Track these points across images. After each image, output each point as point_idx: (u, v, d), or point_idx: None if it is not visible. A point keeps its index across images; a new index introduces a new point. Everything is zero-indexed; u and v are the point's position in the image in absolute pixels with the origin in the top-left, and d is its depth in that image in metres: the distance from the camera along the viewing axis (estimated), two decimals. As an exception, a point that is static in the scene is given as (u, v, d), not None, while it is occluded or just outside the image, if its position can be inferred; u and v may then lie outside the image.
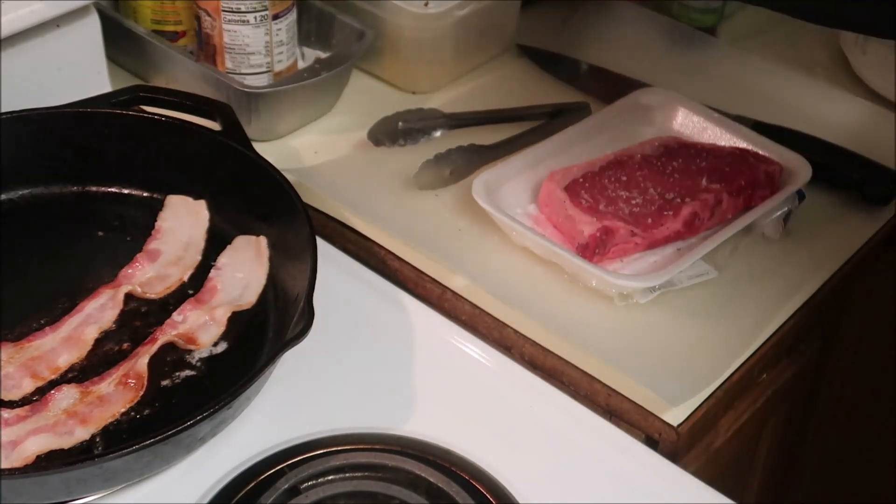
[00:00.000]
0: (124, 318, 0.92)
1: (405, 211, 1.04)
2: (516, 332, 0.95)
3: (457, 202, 1.05)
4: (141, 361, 0.86)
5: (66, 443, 0.81)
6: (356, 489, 0.81)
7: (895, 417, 1.30)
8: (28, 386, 0.86)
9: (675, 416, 0.89)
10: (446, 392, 0.90)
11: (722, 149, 1.07)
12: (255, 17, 1.09)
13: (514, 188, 1.03)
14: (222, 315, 0.91)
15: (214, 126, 1.01)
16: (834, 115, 1.19)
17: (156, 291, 0.94)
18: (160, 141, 1.01)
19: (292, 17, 1.12)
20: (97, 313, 0.91)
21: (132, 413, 0.84)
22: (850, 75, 1.26)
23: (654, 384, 0.89)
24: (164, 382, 0.87)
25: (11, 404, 0.84)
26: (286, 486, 0.80)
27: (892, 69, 1.20)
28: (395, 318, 0.96)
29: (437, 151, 1.07)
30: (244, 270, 0.95)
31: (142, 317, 0.92)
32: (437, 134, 1.12)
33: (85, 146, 1.01)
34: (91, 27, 1.10)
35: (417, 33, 1.16)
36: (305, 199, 0.95)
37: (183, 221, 0.99)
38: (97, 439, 0.82)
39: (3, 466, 0.79)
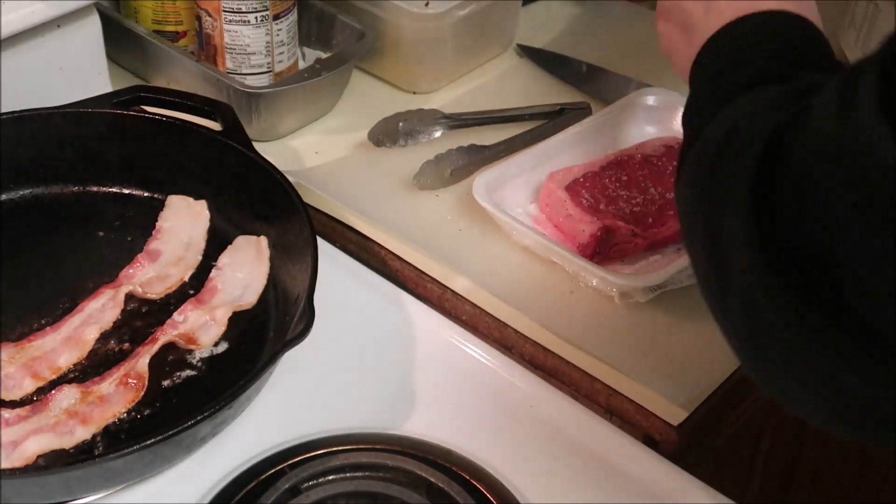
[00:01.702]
0: (125, 318, 0.92)
1: (406, 211, 1.04)
2: (517, 331, 0.95)
3: (457, 202, 1.05)
4: (142, 361, 0.86)
5: (66, 443, 0.81)
6: (357, 489, 0.81)
7: (895, 417, 1.30)
8: (29, 386, 0.86)
9: (675, 415, 0.89)
10: (447, 392, 0.90)
11: (722, 149, 1.07)
12: (256, 18, 1.09)
13: (515, 188, 1.03)
14: (223, 315, 0.91)
15: (215, 126, 1.02)
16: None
17: (156, 291, 0.94)
18: (161, 141, 1.01)
19: (293, 17, 1.12)
20: (98, 313, 0.91)
21: (133, 413, 0.84)
22: (850, 75, 1.26)
23: (654, 384, 0.89)
24: (165, 382, 0.87)
25: (12, 404, 0.85)
26: (287, 486, 0.80)
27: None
28: (396, 318, 0.96)
29: (437, 152, 1.07)
30: (245, 270, 0.95)
31: (142, 317, 0.92)
32: (438, 134, 1.12)
33: (86, 146, 1.01)
34: (92, 27, 1.10)
35: (418, 33, 1.16)
36: (306, 199, 0.95)
37: (184, 221, 0.99)
38: (98, 439, 0.82)
39: (4, 466, 0.79)
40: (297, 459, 0.82)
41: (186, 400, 0.86)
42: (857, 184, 0.51)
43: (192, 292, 0.94)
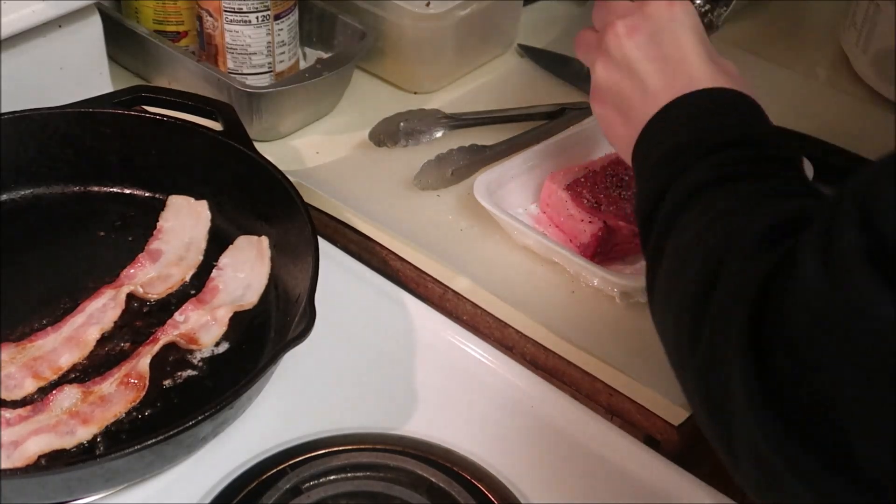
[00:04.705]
0: (126, 318, 0.92)
1: (407, 211, 1.04)
2: (518, 332, 0.95)
3: (458, 202, 1.05)
4: (143, 361, 0.86)
5: (67, 443, 0.81)
6: (358, 489, 0.81)
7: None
8: (30, 386, 0.86)
9: (676, 415, 0.89)
10: (448, 392, 0.90)
11: (723, 149, 1.07)
12: (257, 18, 1.09)
13: (516, 188, 1.03)
14: (224, 315, 0.91)
15: (216, 126, 1.02)
16: (834, 115, 1.19)
17: (157, 291, 0.94)
18: (162, 141, 1.01)
19: (294, 17, 1.12)
20: (99, 313, 0.91)
21: (134, 413, 0.84)
22: (850, 75, 1.26)
23: (655, 384, 0.89)
24: (166, 382, 0.87)
25: (13, 404, 0.85)
26: (288, 486, 0.80)
27: (893, 69, 1.20)
28: (397, 318, 0.96)
29: (438, 152, 1.07)
30: (246, 270, 0.95)
31: (143, 317, 0.92)
32: (439, 134, 1.12)
33: (86, 146, 1.01)
34: (93, 27, 1.10)
35: (419, 33, 1.16)
36: (307, 199, 0.95)
37: (184, 221, 0.99)
38: (99, 439, 0.82)
39: (5, 466, 0.79)
40: (298, 459, 0.82)
41: (187, 400, 0.86)
42: (862, 347, 0.50)
43: (193, 292, 0.94)
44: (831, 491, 0.54)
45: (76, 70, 1.10)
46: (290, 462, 0.82)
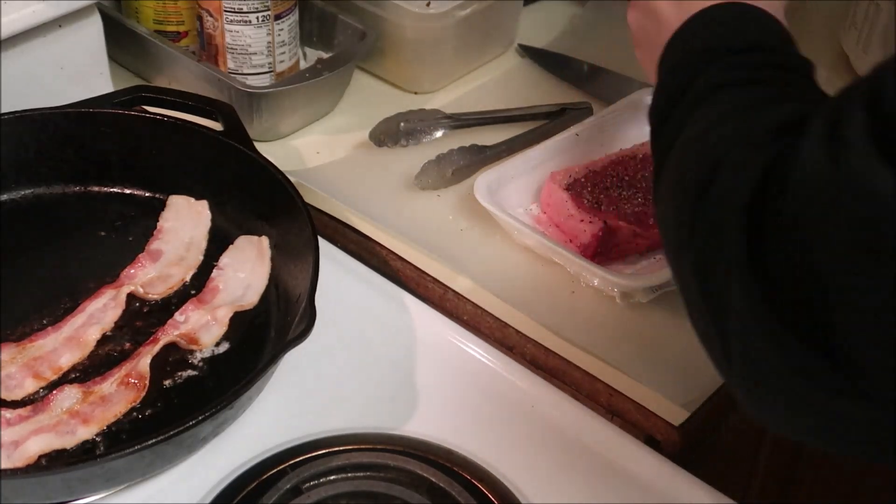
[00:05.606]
0: (126, 319, 0.92)
1: (407, 211, 1.04)
2: (518, 332, 0.95)
3: (459, 202, 1.05)
4: (143, 361, 0.86)
5: (68, 443, 0.82)
6: (358, 489, 0.81)
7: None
8: (30, 386, 0.86)
9: (676, 415, 0.89)
10: (448, 392, 0.90)
11: (723, 149, 1.07)
12: (258, 18, 1.09)
13: (516, 188, 1.03)
14: (224, 315, 0.91)
15: (216, 126, 1.02)
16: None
17: (158, 291, 0.94)
18: (162, 141, 1.01)
19: (294, 17, 1.12)
20: (99, 313, 0.91)
21: (134, 413, 0.84)
22: (851, 75, 1.26)
23: (656, 384, 0.89)
24: (166, 382, 0.87)
25: (13, 404, 0.85)
26: (288, 486, 0.80)
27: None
28: (397, 319, 0.96)
29: (438, 152, 1.07)
30: (246, 270, 0.95)
31: (144, 317, 0.92)
32: (439, 134, 1.12)
33: (87, 146, 1.01)
34: (93, 27, 1.10)
35: (419, 33, 1.16)
36: (307, 199, 0.95)
37: (185, 221, 0.99)
38: (99, 439, 0.82)
39: (5, 466, 0.79)
40: (298, 459, 0.82)
41: (188, 400, 0.86)
42: (857, 225, 0.51)
43: (193, 292, 0.94)
44: (824, 384, 0.55)
45: (76, 70, 1.10)
46: (290, 462, 0.82)
